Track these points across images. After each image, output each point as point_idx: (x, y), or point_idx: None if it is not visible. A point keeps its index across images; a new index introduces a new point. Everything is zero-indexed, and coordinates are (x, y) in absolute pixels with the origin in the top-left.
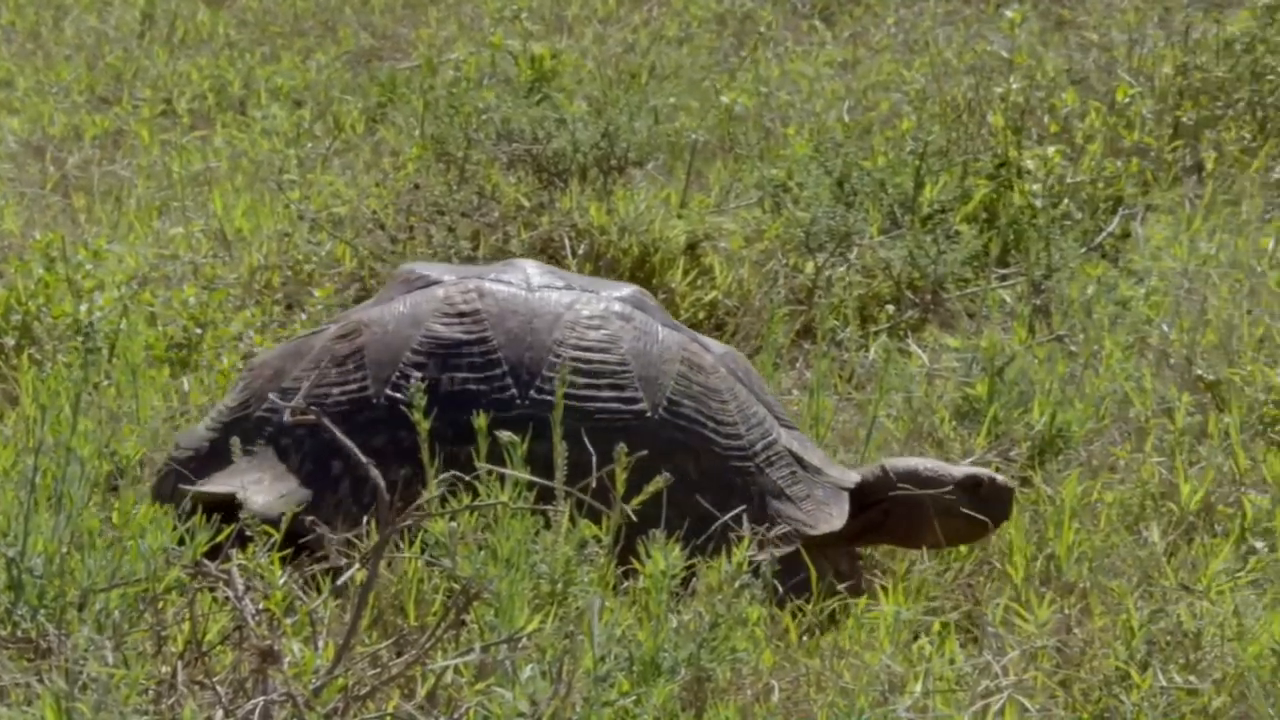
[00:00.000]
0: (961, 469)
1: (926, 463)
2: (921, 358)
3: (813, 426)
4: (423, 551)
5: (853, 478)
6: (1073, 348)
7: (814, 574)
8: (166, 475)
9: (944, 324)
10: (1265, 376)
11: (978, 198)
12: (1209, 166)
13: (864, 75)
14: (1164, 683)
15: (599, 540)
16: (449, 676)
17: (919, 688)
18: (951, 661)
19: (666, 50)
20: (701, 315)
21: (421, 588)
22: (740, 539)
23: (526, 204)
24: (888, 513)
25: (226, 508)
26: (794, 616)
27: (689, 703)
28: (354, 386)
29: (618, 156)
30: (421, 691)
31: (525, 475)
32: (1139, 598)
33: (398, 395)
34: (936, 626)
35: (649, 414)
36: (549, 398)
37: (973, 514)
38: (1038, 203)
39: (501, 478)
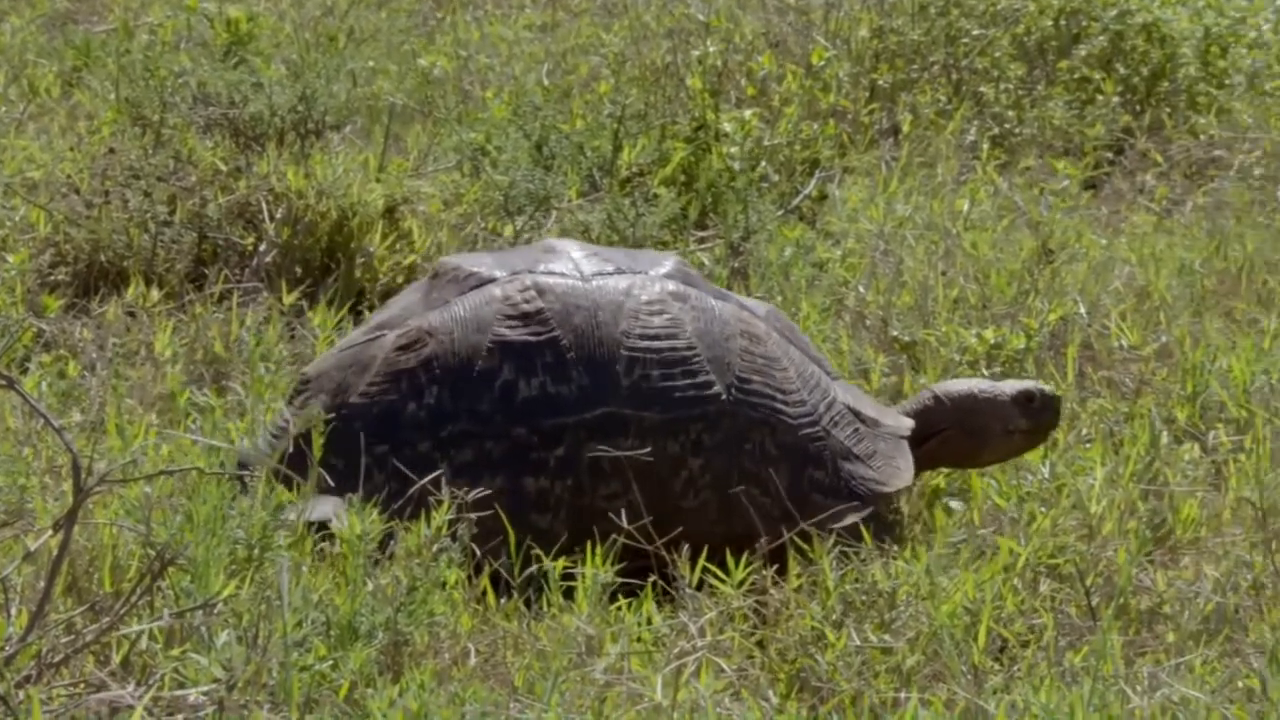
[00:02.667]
0: (1012, 384)
1: (979, 384)
2: None
3: None
4: (118, 517)
5: (908, 424)
6: None
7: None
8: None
9: None
10: (960, 337)
11: (676, 160)
12: (905, 129)
13: (563, 38)
14: (858, 642)
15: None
16: (143, 643)
17: (615, 649)
18: (648, 623)
19: (365, 13)
20: (400, 279)
21: (117, 554)
22: (822, 505)
23: (223, 168)
24: (946, 440)
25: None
26: (493, 580)
27: (386, 666)
28: (430, 400)
29: (315, 120)
30: (116, 658)
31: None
32: (834, 558)
33: (479, 407)
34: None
35: (724, 396)
36: (628, 394)
37: (1030, 429)
38: (735, 165)
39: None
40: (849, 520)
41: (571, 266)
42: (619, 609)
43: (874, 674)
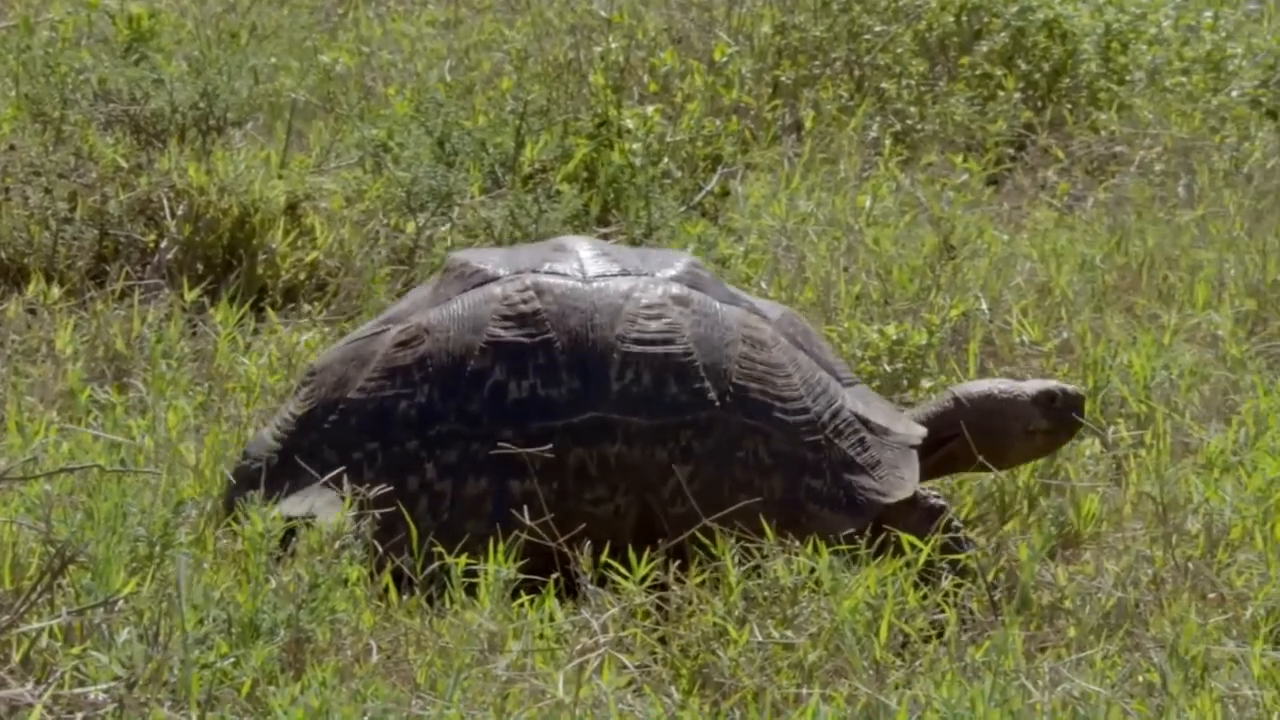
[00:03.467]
0: (1033, 384)
1: (999, 384)
2: None
3: None
4: (18, 515)
5: (919, 432)
6: None
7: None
8: (238, 487)
9: None
10: (862, 333)
11: (578, 157)
12: (807, 125)
13: (466, 35)
14: (761, 638)
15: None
16: (43, 641)
17: (518, 646)
18: (551, 619)
19: (267, 10)
20: (303, 276)
21: (17, 552)
22: (818, 515)
23: (125, 165)
24: (966, 442)
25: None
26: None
27: (288, 664)
28: (421, 398)
29: (217, 116)
30: (15, 656)
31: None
32: (736, 554)
33: (468, 407)
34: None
35: (716, 403)
36: (617, 399)
37: (1052, 429)
38: (638, 161)
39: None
40: (845, 530)
41: (576, 267)
42: (521, 606)
43: (776, 670)
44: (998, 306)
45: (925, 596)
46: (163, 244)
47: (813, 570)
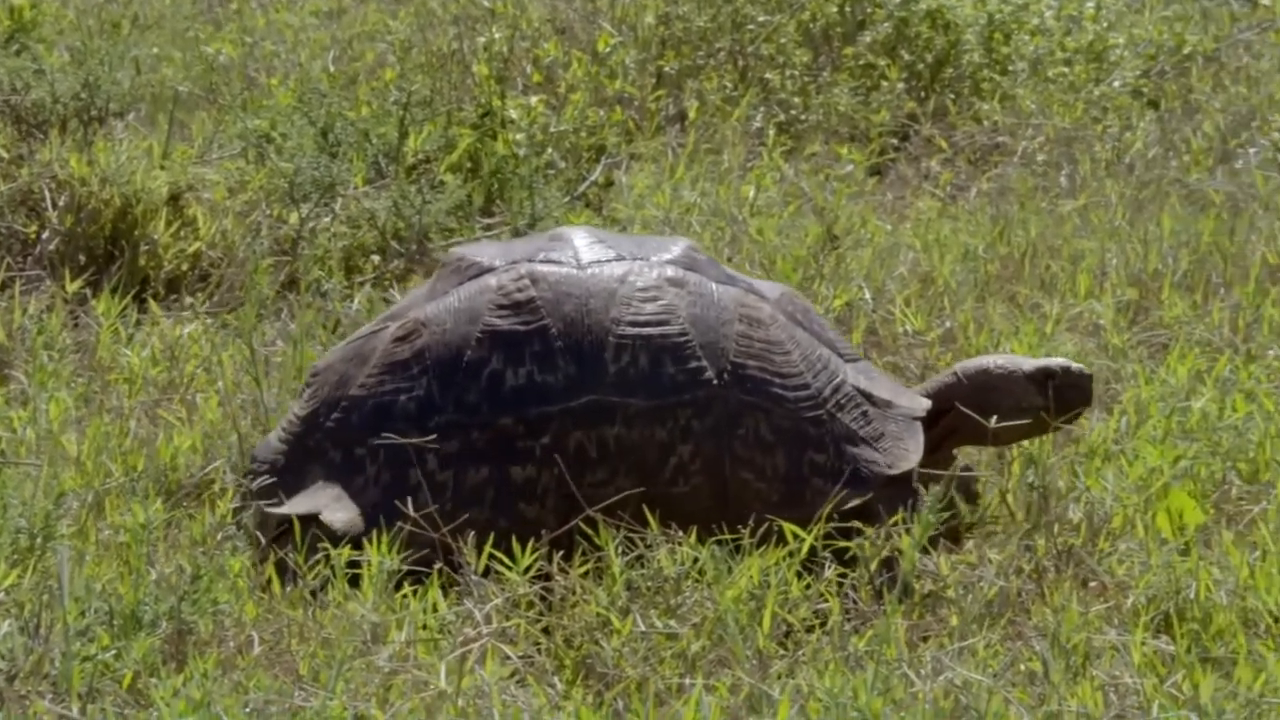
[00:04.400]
0: (1032, 362)
1: (997, 360)
2: None
3: (297, 377)
4: None
5: (923, 404)
6: None
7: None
8: (248, 490)
9: (429, 273)
10: None
11: (462, 147)
12: (691, 116)
13: (349, 25)
14: (644, 628)
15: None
16: None
17: (401, 637)
18: (434, 610)
19: (150, 0)
20: (185, 267)
21: None
22: (822, 489)
23: (5, 155)
24: (959, 415)
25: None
26: (279, 570)
27: (170, 655)
28: (420, 391)
29: (99, 107)
30: None
31: None
32: (620, 544)
33: (466, 397)
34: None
35: (715, 382)
36: (614, 381)
37: (1047, 407)
38: (521, 152)
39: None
40: (851, 504)
41: (571, 255)
42: (405, 597)
43: (659, 660)
44: (881, 296)
45: (809, 586)
46: (44, 235)
47: (696, 560)
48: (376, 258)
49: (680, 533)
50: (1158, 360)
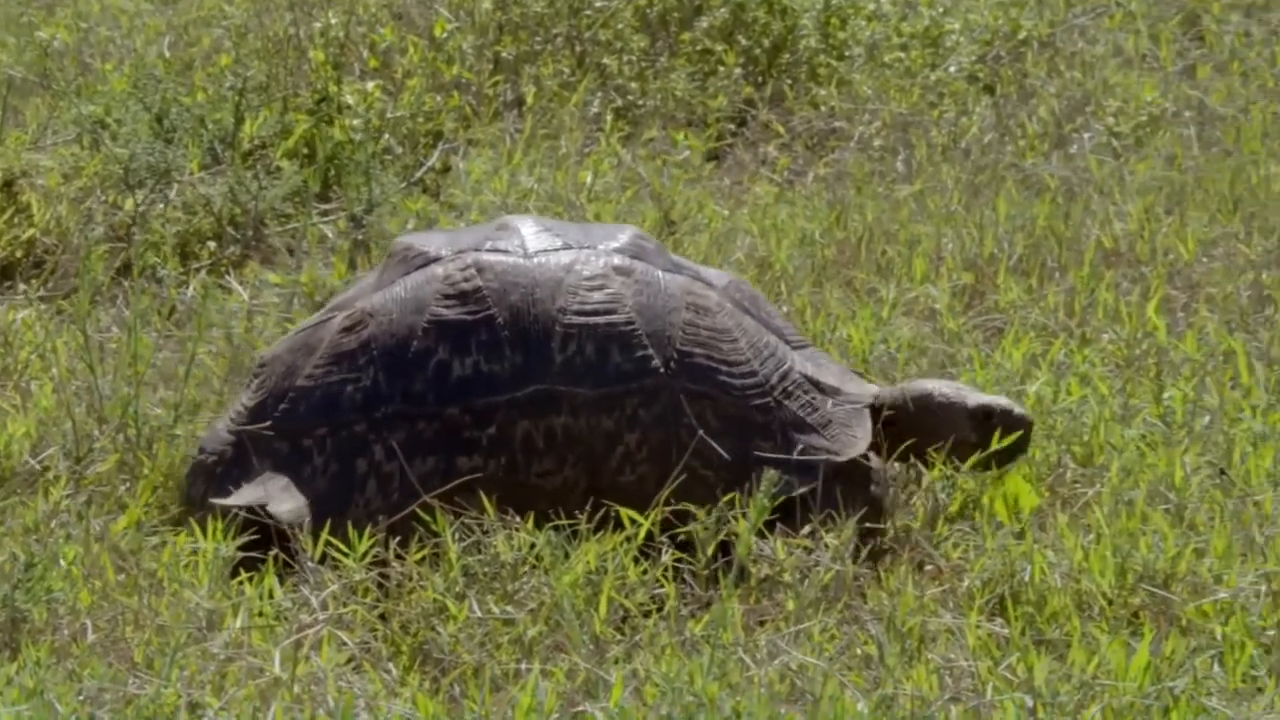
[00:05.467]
0: (978, 398)
1: (944, 386)
2: (242, 294)
3: (131, 364)
4: None
5: (871, 390)
6: None
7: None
8: (195, 480)
9: (265, 260)
10: None
11: (298, 133)
12: (529, 101)
13: (185, 11)
14: (480, 613)
15: None
16: None
17: (237, 623)
18: (270, 597)
19: None
20: (19, 254)
21: None
22: (770, 476)
23: None
24: (898, 434)
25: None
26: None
27: (3, 644)
28: (367, 381)
29: None
30: None
31: None
32: (457, 530)
33: (412, 387)
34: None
35: (661, 370)
36: (561, 371)
37: (982, 445)
38: (358, 138)
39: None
40: (798, 491)
41: (518, 243)
42: (240, 583)
43: (496, 645)
44: None
45: (645, 571)
46: None
47: (533, 546)
48: (212, 244)
49: (518, 519)
50: (993, 344)
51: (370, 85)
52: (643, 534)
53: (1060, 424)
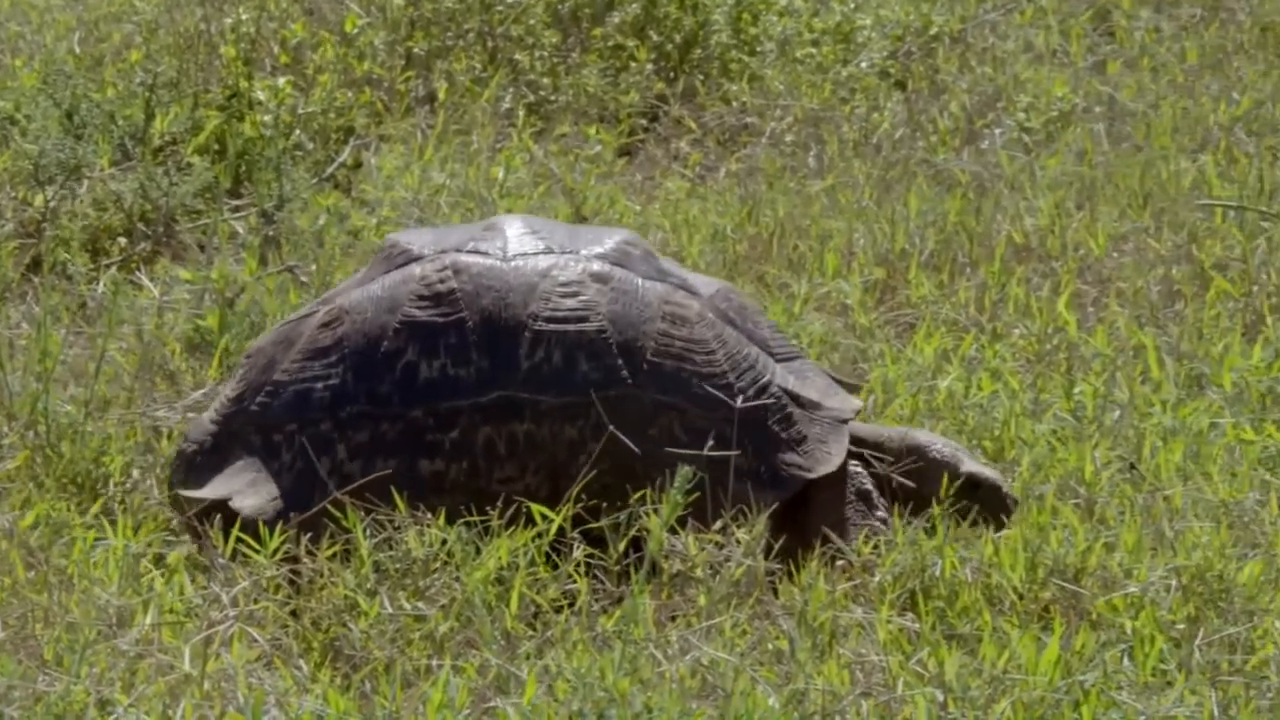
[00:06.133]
0: (971, 465)
1: (941, 444)
2: (152, 291)
3: (41, 360)
4: None
5: (854, 405)
6: (304, 278)
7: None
8: (177, 469)
9: (176, 256)
10: None
11: (209, 129)
12: (440, 97)
13: (95, 6)
14: (392, 610)
15: None
16: None
17: (147, 620)
18: (181, 593)
19: None
20: None
21: None
22: (737, 490)
23: None
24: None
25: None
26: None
27: None
28: (335, 379)
29: None
30: None
31: None
32: (367, 527)
33: (378, 387)
34: (173, 558)
35: (629, 380)
36: (526, 377)
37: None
38: (269, 133)
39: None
40: (768, 505)
41: (499, 245)
42: (151, 580)
43: (407, 642)
44: None
45: (557, 567)
46: None
47: (444, 542)
48: (123, 240)
49: (429, 515)
50: (904, 339)
51: (281, 81)
52: (554, 529)
53: (971, 419)
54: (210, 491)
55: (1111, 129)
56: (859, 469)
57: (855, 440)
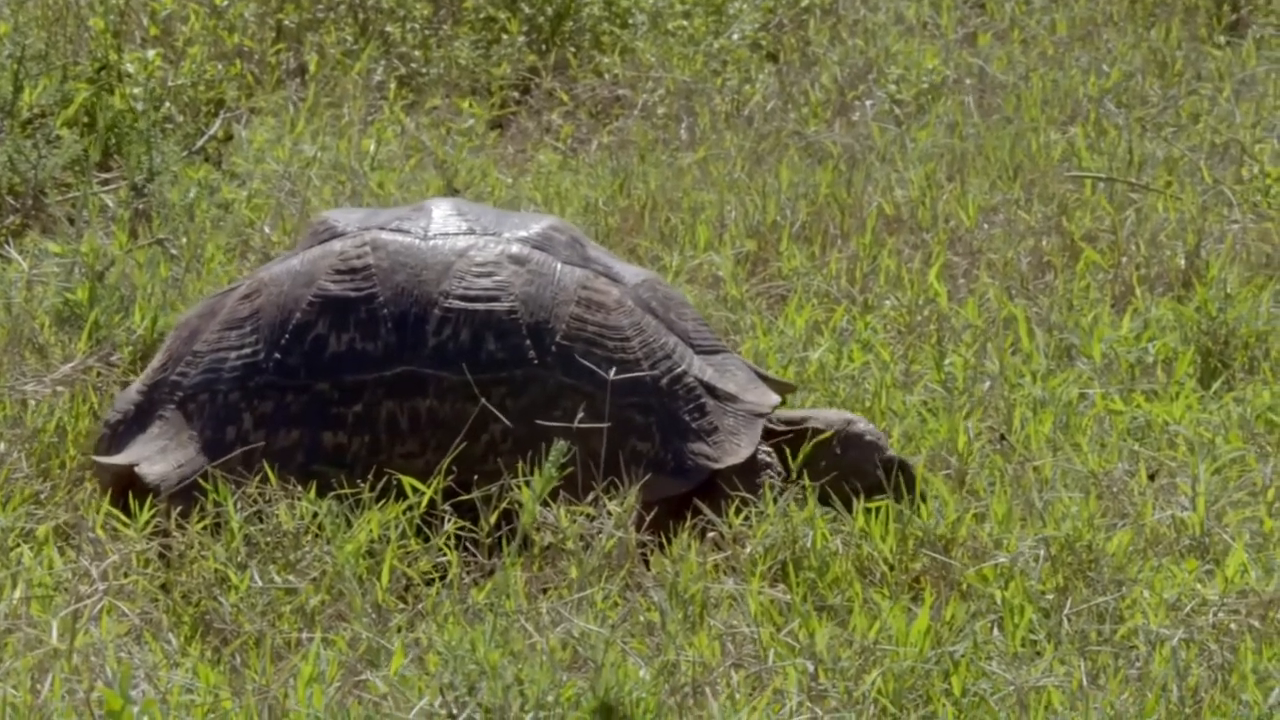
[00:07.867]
0: (892, 453)
1: (872, 428)
2: (21, 264)
3: None
4: None
5: (771, 400)
6: (174, 251)
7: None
8: (101, 437)
9: (45, 229)
10: None
11: (78, 101)
12: (311, 69)
13: None
14: (262, 583)
15: None
16: None
17: (15, 594)
18: (50, 567)
19: None
20: None
21: None
22: (638, 478)
23: None
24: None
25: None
26: None
27: None
28: (248, 350)
29: None
30: None
31: None
32: (238, 500)
33: (287, 359)
34: (41, 532)
35: (535, 362)
36: (431, 354)
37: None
38: (139, 106)
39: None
40: (672, 493)
41: (423, 225)
42: (19, 553)
43: (278, 615)
44: None
45: (428, 540)
46: None
47: (315, 515)
48: None
49: (299, 489)
50: (776, 311)
51: (151, 53)
52: (425, 502)
53: (843, 390)
54: (123, 458)
55: (982, 101)
56: (768, 451)
57: (785, 421)
